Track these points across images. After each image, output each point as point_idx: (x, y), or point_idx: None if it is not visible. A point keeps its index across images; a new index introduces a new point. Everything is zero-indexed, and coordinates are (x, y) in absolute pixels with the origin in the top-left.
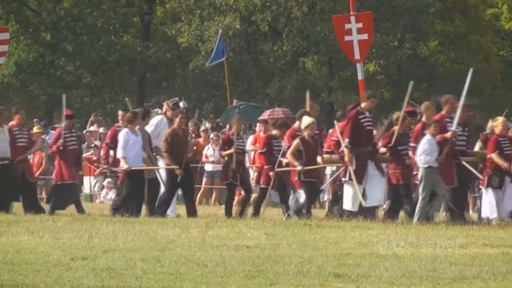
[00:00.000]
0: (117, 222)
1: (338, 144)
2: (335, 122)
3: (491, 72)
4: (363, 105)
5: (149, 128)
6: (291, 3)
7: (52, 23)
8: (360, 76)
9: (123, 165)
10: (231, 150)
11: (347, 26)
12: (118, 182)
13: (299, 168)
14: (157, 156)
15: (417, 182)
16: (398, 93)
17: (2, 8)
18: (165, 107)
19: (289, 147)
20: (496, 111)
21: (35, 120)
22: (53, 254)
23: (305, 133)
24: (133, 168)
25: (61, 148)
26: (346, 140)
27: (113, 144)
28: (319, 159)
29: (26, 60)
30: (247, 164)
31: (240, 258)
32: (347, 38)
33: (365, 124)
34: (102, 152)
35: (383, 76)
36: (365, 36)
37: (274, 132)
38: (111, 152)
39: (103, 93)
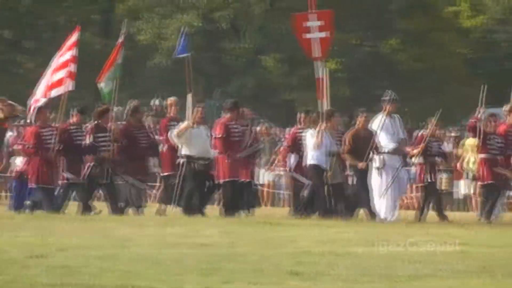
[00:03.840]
0: (76, 220)
1: None
2: None
3: (452, 70)
4: None
5: None
6: (252, 1)
7: (13, 20)
8: (319, 74)
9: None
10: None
11: (307, 23)
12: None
13: None
14: None
15: None
16: (358, 91)
17: None
18: None
19: None
20: (457, 109)
21: None
22: (10, 252)
23: None
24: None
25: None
26: None
27: None
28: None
29: None
30: None
31: (196, 256)
32: (306, 35)
33: None
34: None
35: (344, 74)
36: (326, 34)
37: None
38: None
39: None
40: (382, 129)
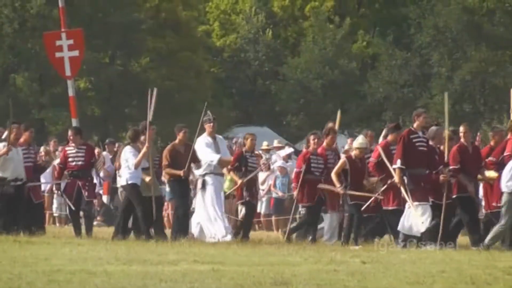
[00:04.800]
0: None
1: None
2: None
3: (202, 89)
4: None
5: None
6: (2, 20)
7: None
8: (70, 93)
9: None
10: None
11: (58, 42)
12: None
13: None
14: None
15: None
16: (109, 110)
17: None
18: None
19: None
20: None
21: None
22: None
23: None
24: None
25: None
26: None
27: None
28: None
29: None
30: None
31: None
32: (58, 54)
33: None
34: None
35: (94, 93)
36: (76, 53)
37: None
38: None
39: None
40: (205, 149)
